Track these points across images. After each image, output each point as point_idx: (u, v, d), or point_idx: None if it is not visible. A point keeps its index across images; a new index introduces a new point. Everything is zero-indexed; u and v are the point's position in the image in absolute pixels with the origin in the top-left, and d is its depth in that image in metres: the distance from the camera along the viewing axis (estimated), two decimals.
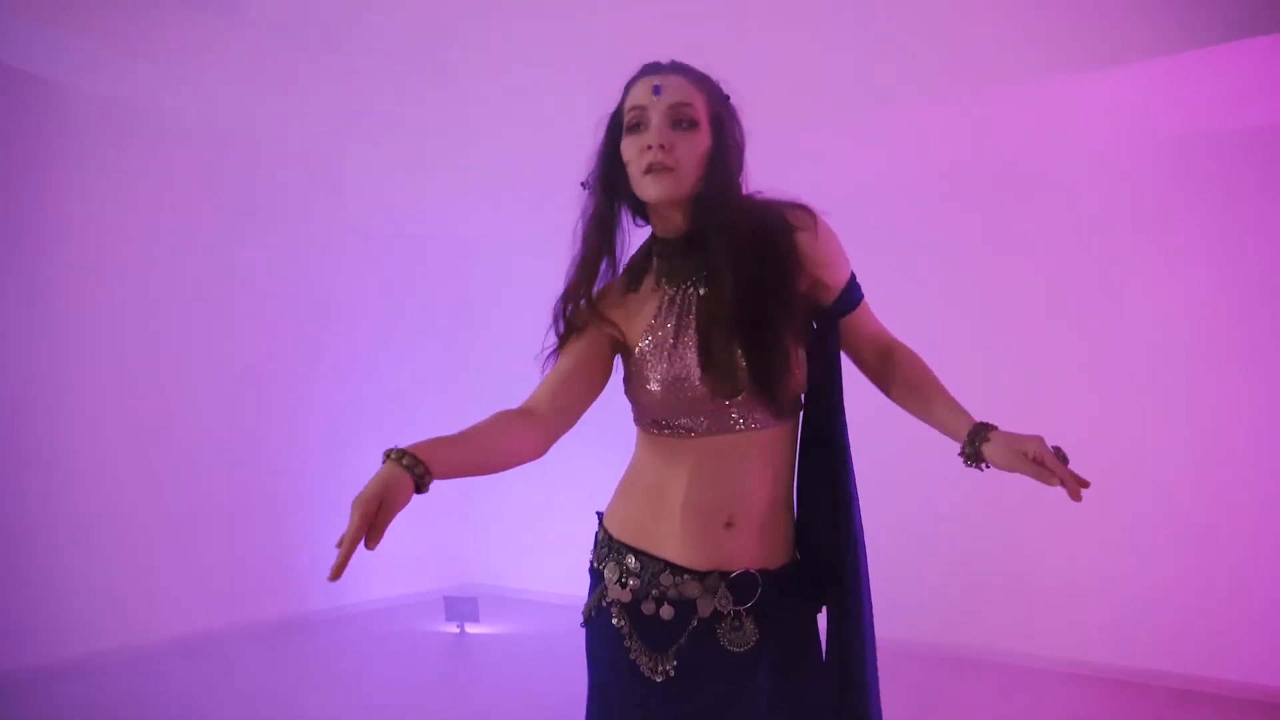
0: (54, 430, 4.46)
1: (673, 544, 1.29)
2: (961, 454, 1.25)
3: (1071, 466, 1.26)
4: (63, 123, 4.56)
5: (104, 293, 4.68)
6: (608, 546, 1.35)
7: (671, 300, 1.33)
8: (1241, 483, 4.19)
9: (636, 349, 1.33)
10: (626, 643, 1.29)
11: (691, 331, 1.29)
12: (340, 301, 5.84)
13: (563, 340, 1.37)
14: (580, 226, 1.38)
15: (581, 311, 1.36)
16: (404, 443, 1.14)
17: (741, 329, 1.25)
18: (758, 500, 1.29)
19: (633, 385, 1.35)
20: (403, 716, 3.81)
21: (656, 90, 1.28)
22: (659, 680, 1.26)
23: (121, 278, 4.75)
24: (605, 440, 1.64)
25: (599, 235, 1.36)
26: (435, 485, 1.15)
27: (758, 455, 1.30)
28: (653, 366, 1.31)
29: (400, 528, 4.72)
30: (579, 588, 1.38)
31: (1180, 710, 3.85)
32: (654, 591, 1.28)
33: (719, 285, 1.28)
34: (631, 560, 1.31)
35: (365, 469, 4.16)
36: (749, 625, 1.24)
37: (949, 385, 1.40)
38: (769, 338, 1.24)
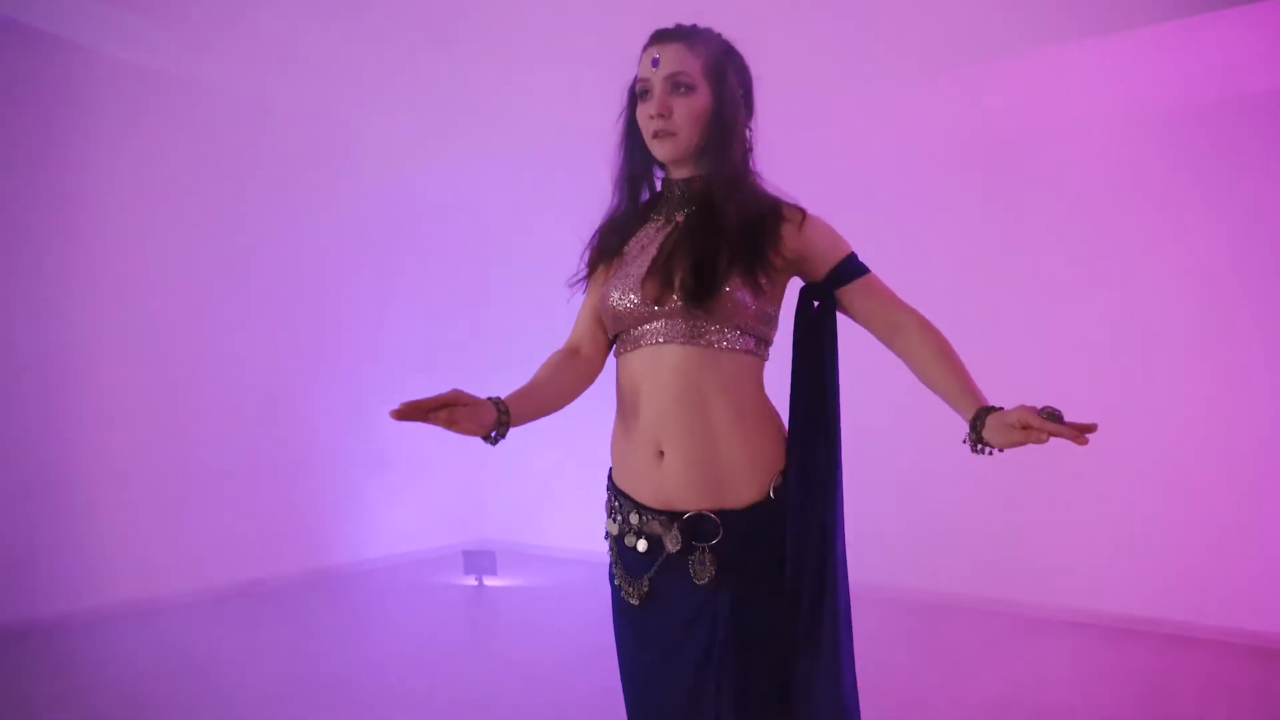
0: (96, 389, 4.60)
1: (633, 480, 1.44)
2: (966, 441, 1.31)
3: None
4: (85, 86, 4.63)
5: (136, 257, 4.80)
6: (609, 485, 1.51)
7: (659, 229, 1.49)
8: (1237, 442, 4.29)
9: (615, 265, 1.50)
10: (615, 569, 1.45)
11: (654, 249, 1.45)
12: (356, 268, 5.95)
13: (589, 272, 1.57)
14: (612, 176, 1.56)
15: (601, 251, 1.55)
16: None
17: (695, 251, 1.39)
18: (687, 428, 1.38)
19: (602, 304, 1.50)
20: (425, 662, 3.98)
21: (655, 62, 1.45)
22: (635, 603, 1.41)
23: (146, 242, 4.86)
24: (613, 404, 1.75)
25: (624, 186, 1.54)
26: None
27: (687, 377, 1.39)
28: (616, 274, 1.48)
29: (421, 485, 4.96)
30: (591, 543, 1.50)
31: (1179, 654, 3.98)
32: (631, 528, 1.42)
33: (699, 217, 1.44)
34: (615, 500, 1.47)
35: (381, 432, 4.45)
36: (709, 561, 1.35)
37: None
38: (716, 263, 1.37)
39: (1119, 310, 4.59)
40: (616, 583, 1.45)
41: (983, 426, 1.25)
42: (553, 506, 6.21)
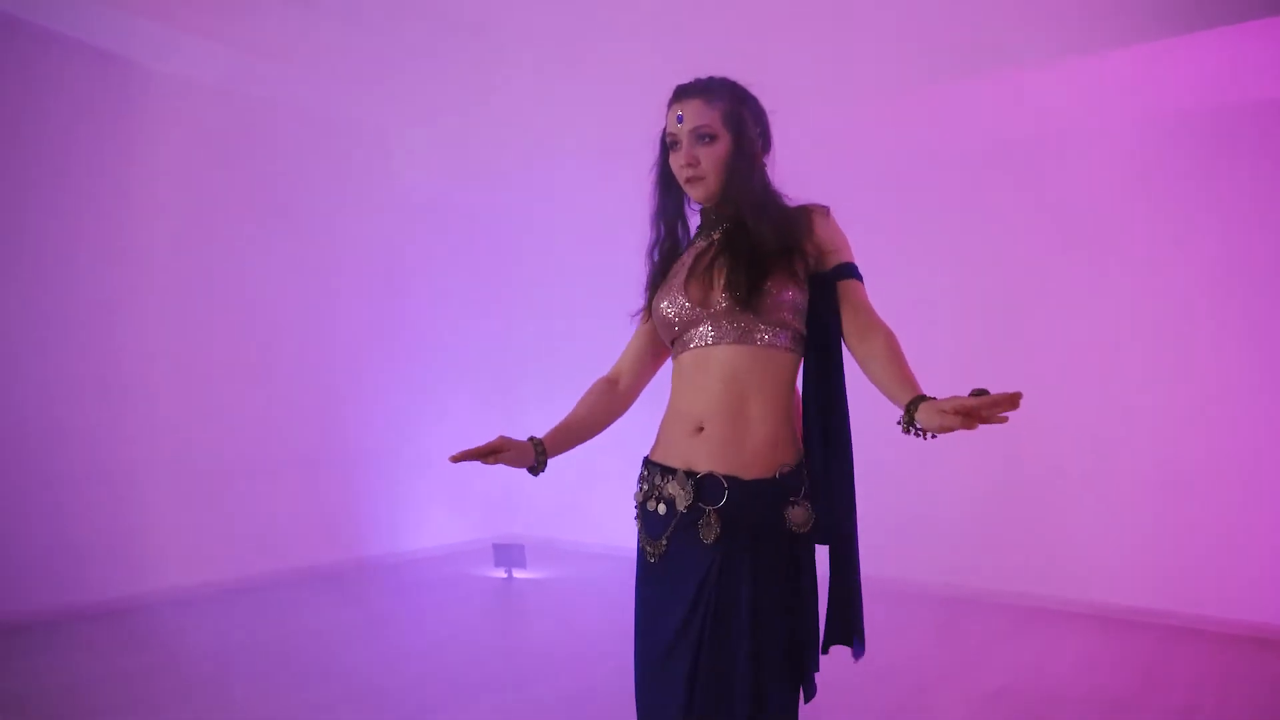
0: (154, 391, 4.91)
1: (665, 451, 1.65)
2: (899, 423, 1.43)
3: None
4: (144, 100, 4.92)
5: (186, 266, 5.10)
6: (643, 462, 1.72)
7: (701, 251, 1.70)
8: (1238, 439, 4.41)
9: (665, 282, 1.72)
10: (640, 536, 1.66)
11: (703, 261, 1.67)
12: (399, 276, 6.23)
13: (646, 308, 1.78)
14: (650, 214, 1.78)
15: (654, 283, 1.76)
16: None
17: (737, 254, 1.60)
18: (728, 411, 1.58)
19: (655, 314, 1.70)
20: (457, 650, 4.22)
21: (680, 118, 1.66)
22: (652, 561, 1.62)
23: (194, 251, 5.16)
24: (640, 411, 1.98)
25: (663, 225, 1.77)
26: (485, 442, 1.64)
27: (731, 370, 1.59)
28: (666, 289, 1.69)
29: (454, 482, 5.25)
30: (616, 538, 1.69)
31: (1178, 646, 4.10)
32: (655, 492, 1.63)
33: (736, 229, 1.65)
34: (645, 470, 1.68)
35: (421, 431, 4.77)
36: (715, 522, 1.55)
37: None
38: (757, 266, 1.58)
39: (1120, 312, 4.72)
40: (640, 545, 1.65)
41: (915, 410, 1.38)
42: (581, 504, 6.43)
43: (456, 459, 1.57)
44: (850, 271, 1.64)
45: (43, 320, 4.56)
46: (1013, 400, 1.22)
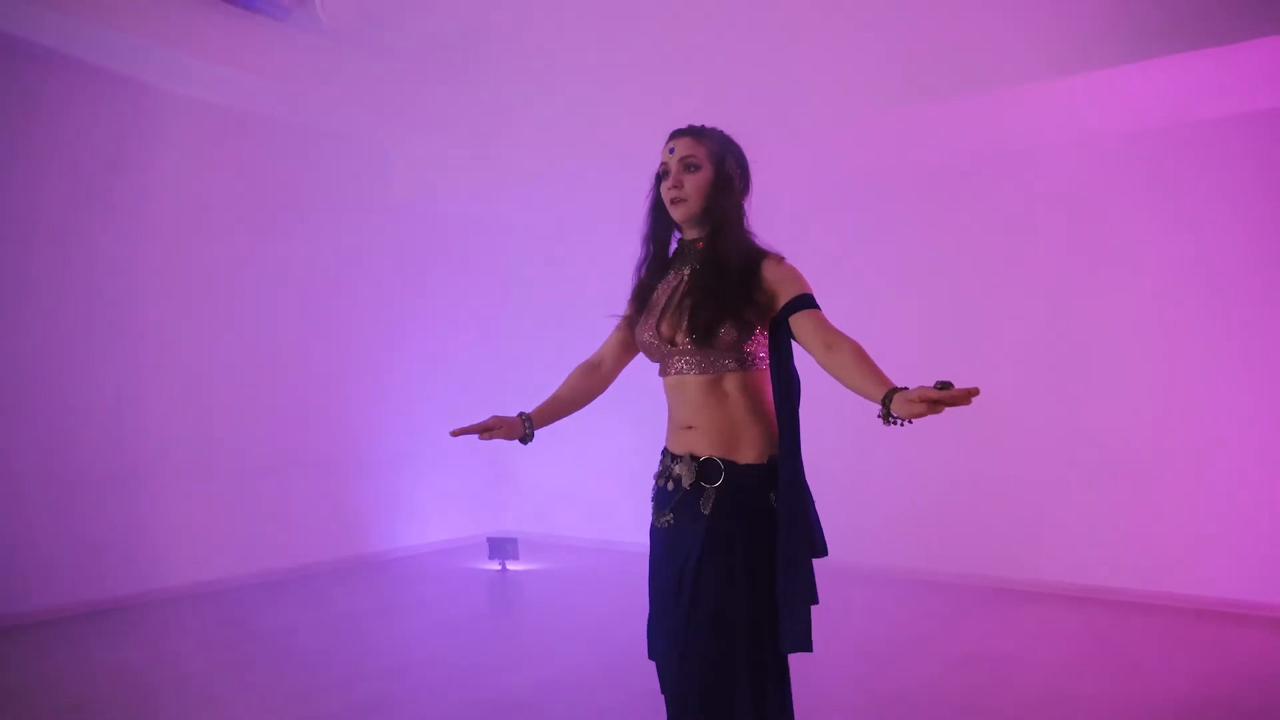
0: (167, 393, 5.18)
1: (671, 441, 1.99)
2: (880, 416, 1.63)
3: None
4: (158, 119, 5.20)
5: (201, 269, 5.39)
6: (664, 450, 2.03)
7: (674, 282, 2.00)
8: (1191, 428, 4.79)
9: (647, 308, 2.04)
10: (653, 508, 1.99)
11: (674, 298, 1.97)
12: (392, 287, 6.52)
13: (629, 311, 2.11)
14: (641, 235, 2.10)
15: (638, 295, 2.08)
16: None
17: (696, 302, 1.90)
18: (709, 417, 1.91)
19: (637, 339, 2.03)
20: (454, 636, 4.52)
21: (672, 150, 1.99)
22: (661, 527, 1.95)
23: (211, 258, 5.44)
24: (623, 411, 2.29)
25: (651, 243, 2.09)
26: (482, 447, 1.93)
27: (703, 391, 1.91)
28: (645, 320, 2.00)
29: (449, 482, 5.67)
30: (603, 532, 1.98)
31: (1134, 618, 4.45)
32: (666, 472, 1.96)
33: (701, 273, 1.95)
34: (663, 455, 2.01)
35: (419, 436, 5.22)
36: (712, 497, 1.86)
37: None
38: (715, 311, 1.87)
39: (1102, 315, 5.10)
40: (652, 518, 1.97)
41: (890, 402, 1.61)
42: (569, 501, 6.74)
43: (456, 434, 1.98)
44: (801, 304, 1.86)
45: (66, 329, 4.84)
46: (968, 395, 1.50)
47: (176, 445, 5.26)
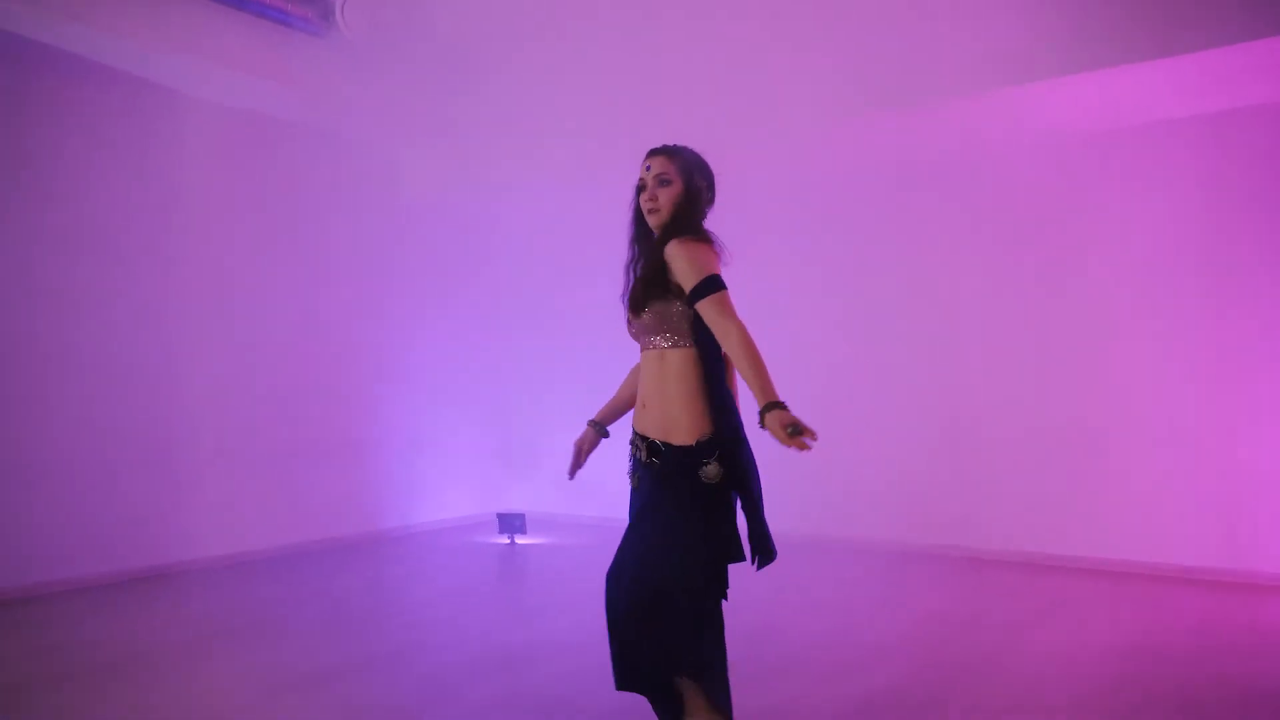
0: (196, 381, 5.59)
1: (635, 416, 2.39)
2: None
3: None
4: (181, 122, 5.58)
5: (230, 265, 5.81)
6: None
7: None
8: (1147, 405, 5.18)
9: None
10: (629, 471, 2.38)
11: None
12: (407, 281, 6.92)
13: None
14: (628, 240, 2.45)
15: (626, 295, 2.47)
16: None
17: (635, 286, 2.33)
18: (653, 394, 2.30)
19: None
20: (466, 598, 4.93)
21: (648, 167, 2.37)
22: (633, 487, 2.35)
23: (237, 255, 5.86)
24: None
25: (636, 247, 2.44)
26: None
27: (650, 368, 2.30)
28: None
29: (460, 463, 6.19)
30: (605, 509, 2.36)
31: (1089, 582, 4.84)
32: (631, 448, 2.36)
33: (647, 260, 2.34)
34: (632, 434, 2.40)
35: (434, 419, 5.80)
36: (654, 468, 2.25)
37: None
38: (641, 293, 2.29)
39: (1068, 304, 5.48)
40: (629, 477, 2.38)
41: (763, 417, 2.01)
42: (574, 481, 7.13)
43: (573, 475, 2.60)
44: (704, 291, 2.14)
45: (110, 322, 5.25)
46: (801, 446, 1.93)
47: (209, 429, 5.68)
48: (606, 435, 2.58)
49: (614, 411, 2.57)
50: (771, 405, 2.00)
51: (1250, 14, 4.02)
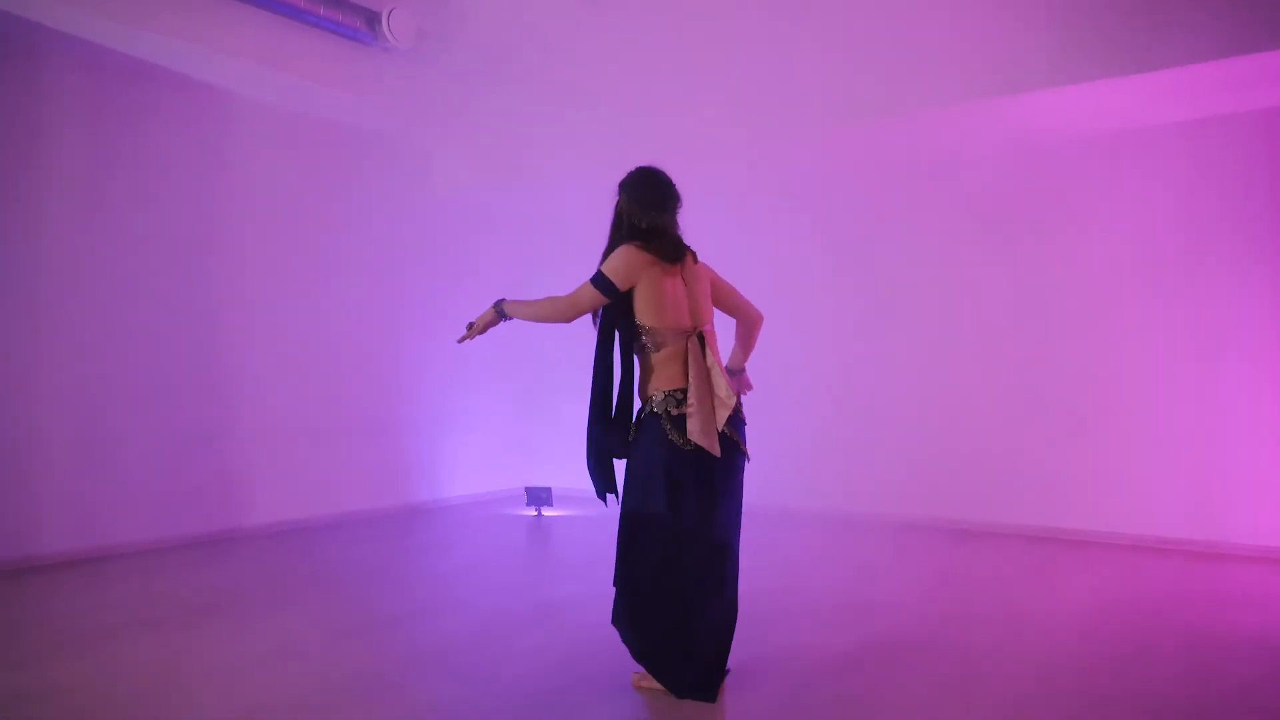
0: (245, 363, 6.10)
1: None
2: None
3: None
4: (237, 124, 6.09)
5: (275, 257, 6.29)
6: None
7: None
8: (1135, 387, 5.59)
9: None
10: None
11: None
12: (432, 264, 7.39)
13: None
14: None
15: None
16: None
17: None
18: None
19: None
20: (497, 561, 5.40)
21: None
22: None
23: (284, 248, 6.34)
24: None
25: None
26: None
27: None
28: None
29: (487, 440, 6.81)
30: None
31: (1067, 550, 5.26)
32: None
33: None
34: None
35: (467, 400, 6.42)
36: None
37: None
38: None
39: (1061, 294, 5.88)
40: None
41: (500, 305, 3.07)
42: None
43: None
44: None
45: (176, 314, 5.77)
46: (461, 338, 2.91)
47: (259, 407, 6.19)
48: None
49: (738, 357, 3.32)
50: (498, 302, 3.19)
51: (1224, 33, 4.37)
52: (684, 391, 2.92)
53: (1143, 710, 2.87)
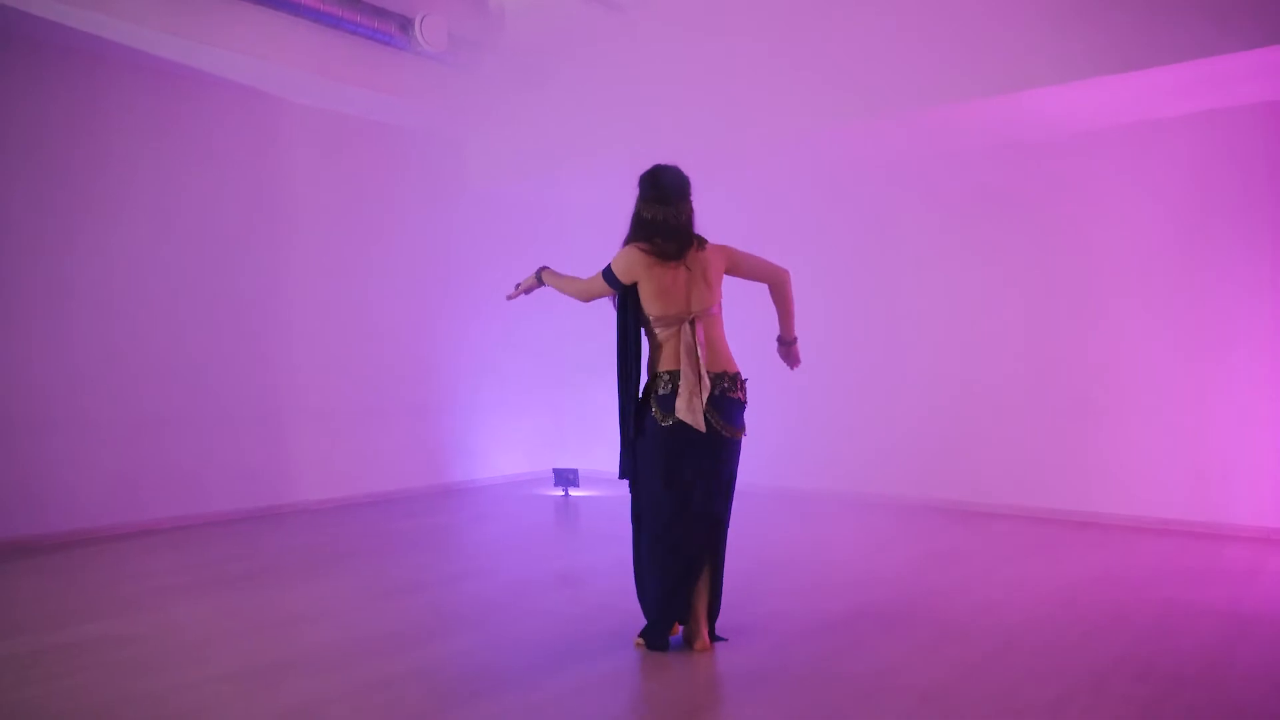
0: (293, 351, 6.54)
1: None
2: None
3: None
4: (284, 127, 6.52)
5: (320, 249, 6.71)
6: None
7: None
8: (1123, 373, 5.78)
9: None
10: None
11: None
12: (466, 256, 7.76)
13: None
14: None
15: None
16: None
17: None
18: None
19: None
20: (528, 535, 5.77)
21: None
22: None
23: (326, 243, 6.76)
24: None
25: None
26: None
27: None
28: None
29: (520, 425, 7.28)
30: None
31: (1049, 528, 5.47)
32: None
33: None
34: None
35: (493, 384, 6.87)
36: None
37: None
38: None
39: (1065, 284, 6.08)
40: None
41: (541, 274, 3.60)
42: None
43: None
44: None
45: (230, 306, 6.22)
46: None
47: (306, 393, 6.64)
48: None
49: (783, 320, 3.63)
50: (540, 270, 3.73)
51: (1222, 29, 4.53)
52: (671, 373, 3.23)
53: (1104, 669, 3.13)
